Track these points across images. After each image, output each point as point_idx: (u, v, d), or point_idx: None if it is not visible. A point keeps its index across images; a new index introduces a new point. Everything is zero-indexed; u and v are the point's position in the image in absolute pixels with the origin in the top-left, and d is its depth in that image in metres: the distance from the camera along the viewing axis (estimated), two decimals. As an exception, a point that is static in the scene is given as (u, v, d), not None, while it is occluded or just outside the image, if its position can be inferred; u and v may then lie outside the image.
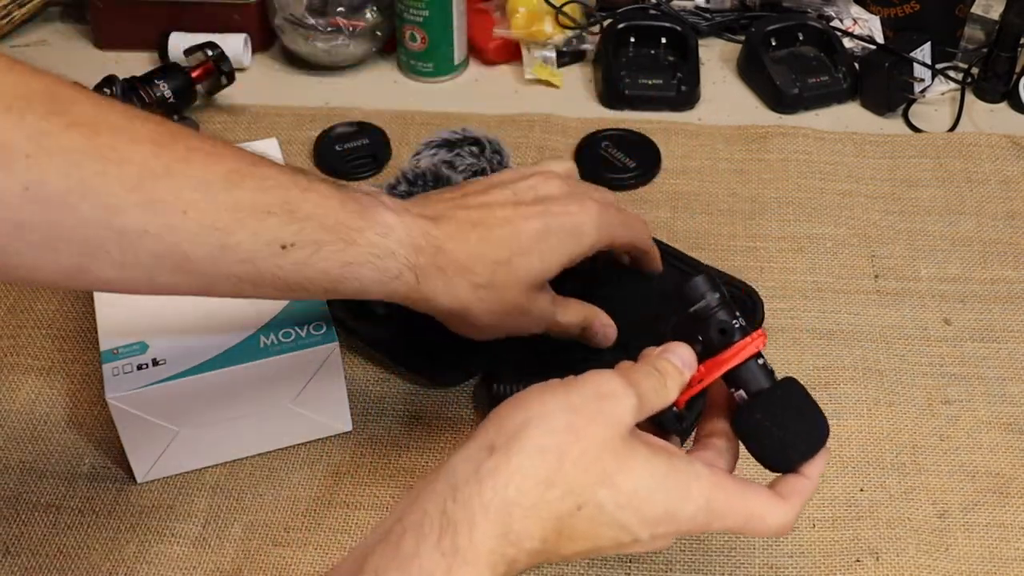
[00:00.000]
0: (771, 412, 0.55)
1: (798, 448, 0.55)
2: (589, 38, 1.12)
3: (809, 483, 0.55)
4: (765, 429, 0.55)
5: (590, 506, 0.48)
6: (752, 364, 0.56)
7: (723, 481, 0.52)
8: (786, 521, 0.54)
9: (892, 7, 1.09)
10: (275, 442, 0.74)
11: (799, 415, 0.56)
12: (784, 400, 0.56)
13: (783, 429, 0.55)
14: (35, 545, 0.69)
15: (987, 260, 0.89)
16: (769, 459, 0.56)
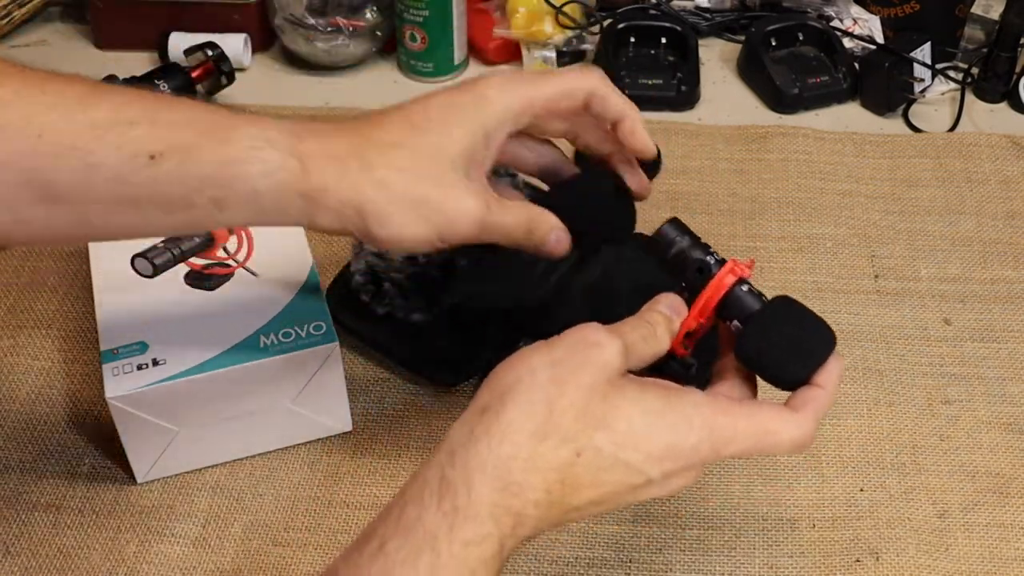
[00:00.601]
0: (766, 332, 0.54)
1: (802, 359, 0.54)
2: (589, 38, 1.12)
3: (823, 392, 0.53)
4: (764, 350, 0.54)
5: (588, 451, 0.48)
6: (737, 292, 0.56)
7: (725, 405, 0.51)
8: (802, 434, 0.52)
9: (892, 7, 1.09)
10: (275, 442, 0.74)
11: (798, 328, 0.55)
12: (778, 317, 0.55)
13: (782, 345, 0.54)
14: (35, 545, 0.69)
15: (987, 260, 0.89)
16: (777, 378, 0.55)
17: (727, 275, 0.56)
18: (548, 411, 0.48)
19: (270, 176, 0.54)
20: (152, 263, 0.73)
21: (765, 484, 0.73)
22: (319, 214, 0.56)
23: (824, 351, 0.54)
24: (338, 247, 0.88)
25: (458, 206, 0.56)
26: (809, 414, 0.52)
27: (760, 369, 0.55)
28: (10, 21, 1.12)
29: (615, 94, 0.61)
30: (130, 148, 0.53)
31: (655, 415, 0.49)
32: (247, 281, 0.74)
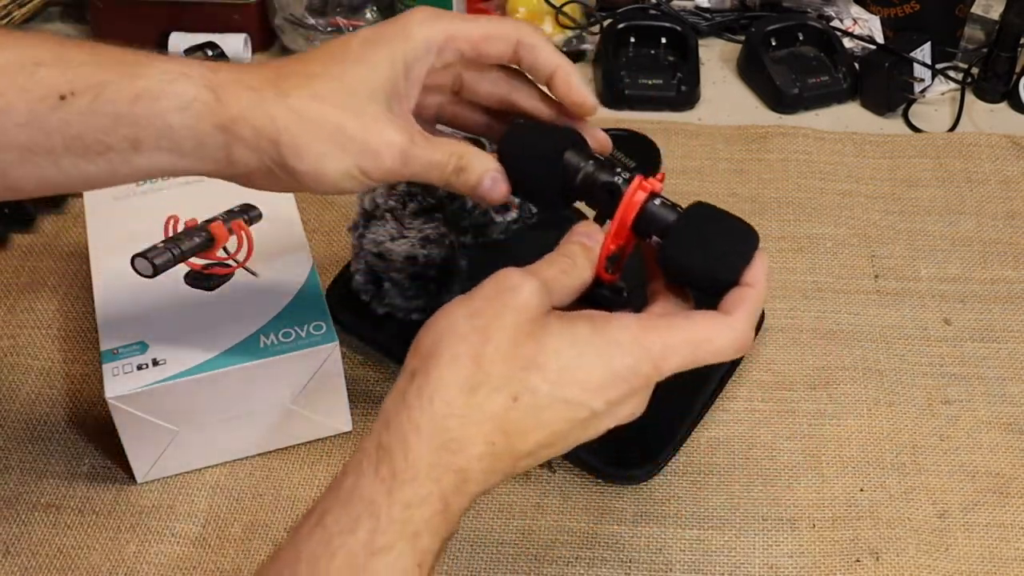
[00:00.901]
0: (685, 241, 0.53)
1: (726, 261, 0.53)
2: (589, 38, 1.12)
3: (751, 290, 0.52)
4: (686, 259, 0.53)
5: (524, 395, 0.48)
6: (650, 207, 0.54)
7: (654, 322, 0.51)
8: (737, 335, 0.51)
9: (892, 7, 1.09)
10: (275, 442, 0.74)
11: (717, 232, 0.53)
12: (695, 224, 0.53)
13: (704, 251, 0.53)
14: (35, 545, 0.69)
15: (987, 260, 0.89)
16: (704, 285, 0.54)
17: (636, 192, 0.54)
18: (475, 362, 0.47)
19: (184, 110, 0.52)
20: (152, 263, 0.73)
21: (765, 484, 0.73)
22: (236, 148, 0.53)
23: (748, 249, 0.53)
24: (338, 247, 0.88)
25: (380, 137, 0.53)
26: (742, 314, 0.51)
27: (686, 279, 0.54)
28: (10, 21, 1.12)
29: (547, 45, 0.58)
30: (39, 90, 0.51)
31: (584, 345, 0.49)
32: (247, 281, 0.74)
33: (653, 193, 0.55)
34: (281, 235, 0.76)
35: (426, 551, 0.46)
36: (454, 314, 0.49)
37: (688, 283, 0.55)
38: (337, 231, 0.90)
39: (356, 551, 0.44)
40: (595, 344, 0.49)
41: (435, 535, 0.46)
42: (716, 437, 0.76)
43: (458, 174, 0.56)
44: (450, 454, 0.46)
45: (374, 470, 0.46)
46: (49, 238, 0.90)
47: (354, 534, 0.45)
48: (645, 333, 0.50)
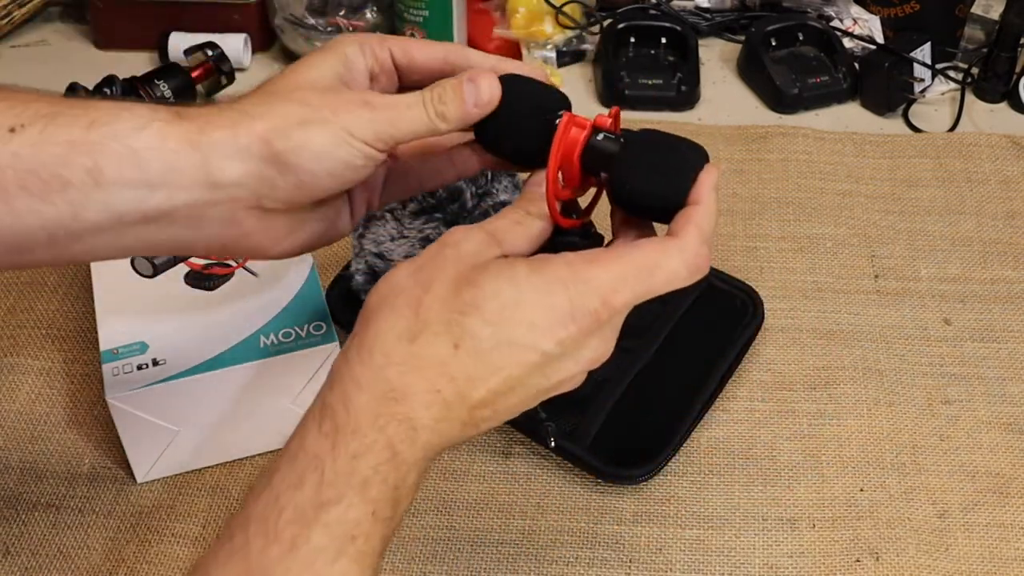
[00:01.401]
0: (627, 170, 0.51)
1: (672, 181, 0.51)
2: (589, 38, 1.12)
3: (700, 207, 0.50)
4: (634, 187, 0.51)
5: (465, 338, 0.47)
6: (592, 143, 0.52)
7: (597, 254, 0.49)
8: (687, 256, 0.49)
9: (892, 7, 1.09)
10: (275, 442, 0.74)
11: (659, 155, 0.52)
12: (636, 152, 0.52)
13: (650, 176, 0.51)
14: (35, 545, 0.69)
15: (987, 260, 0.89)
16: (655, 209, 0.52)
17: (569, 129, 0.52)
18: (413, 311, 0.47)
19: (143, 129, 0.49)
20: (152, 263, 0.73)
21: (765, 484, 0.73)
22: (214, 159, 0.50)
23: (692, 168, 0.51)
24: (338, 247, 0.88)
25: (349, 100, 0.51)
26: (691, 234, 0.49)
27: (638, 210, 0.53)
28: (10, 21, 1.12)
29: (478, 53, 0.56)
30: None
31: (523, 284, 0.47)
32: (247, 281, 0.74)
33: (597, 128, 0.53)
34: (281, 235, 0.76)
35: (378, 499, 0.45)
36: (398, 273, 0.49)
37: (642, 214, 0.53)
38: (337, 231, 0.89)
39: (304, 505, 0.44)
40: (533, 282, 0.47)
41: (384, 483, 0.45)
42: (716, 437, 0.76)
43: (440, 100, 0.52)
44: (393, 403, 0.46)
45: (317, 426, 0.46)
46: (49, 238, 0.90)
47: (300, 489, 0.45)
48: (587, 267, 0.48)
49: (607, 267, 0.48)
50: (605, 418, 0.74)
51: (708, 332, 0.80)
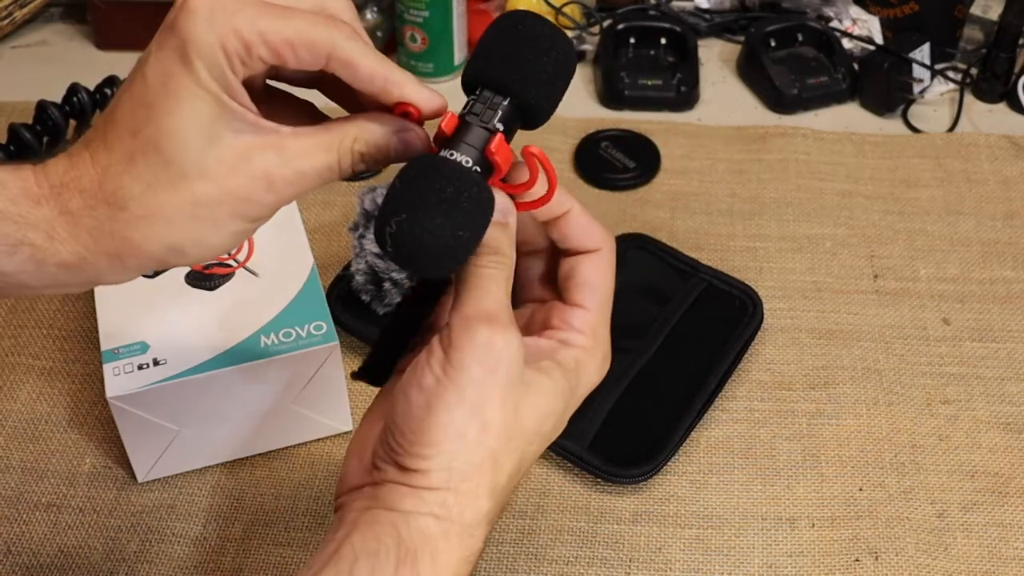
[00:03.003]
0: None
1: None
2: (589, 39, 1.12)
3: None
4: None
5: (522, 464, 0.47)
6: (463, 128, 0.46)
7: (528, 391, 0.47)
8: (604, 355, 0.50)
9: (891, 8, 1.10)
10: (275, 442, 0.74)
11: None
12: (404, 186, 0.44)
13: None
14: (36, 545, 0.70)
15: (986, 260, 0.89)
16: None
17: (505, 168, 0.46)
18: (493, 464, 0.45)
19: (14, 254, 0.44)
20: (153, 263, 0.73)
21: (764, 484, 0.73)
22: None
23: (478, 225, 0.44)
24: (338, 247, 0.88)
25: (241, 180, 0.44)
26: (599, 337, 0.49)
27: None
28: (11, 22, 1.12)
29: (367, 54, 0.45)
30: None
31: (550, 396, 0.47)
32: (248, 281, 0.74)
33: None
34: (282, 235, 0.76)
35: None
36: (456, 414, 0.44)
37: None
38: (337, 231, 0.90)
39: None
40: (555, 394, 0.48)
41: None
42: (716, 437, 0.76)
43: (360, 159, 0.47)
44: (473, 557, 0.46)
45: (393, 569, 0.43)
46: (50, 238, 0.90)
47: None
48: (542, 401, 0.47)
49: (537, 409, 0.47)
50: (605, 418, 0.75)
51: (708, 332, 0.80)
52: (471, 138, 0.45)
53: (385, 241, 0.43)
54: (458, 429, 0.44)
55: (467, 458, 0.45)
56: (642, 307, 0.82)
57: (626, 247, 0.86)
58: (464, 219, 0.43)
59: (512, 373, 0.45)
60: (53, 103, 0.92)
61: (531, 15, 0.47)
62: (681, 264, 0.85)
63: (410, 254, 0.43)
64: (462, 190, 0.43)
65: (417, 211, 0.42)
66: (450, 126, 0.45)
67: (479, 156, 0.45)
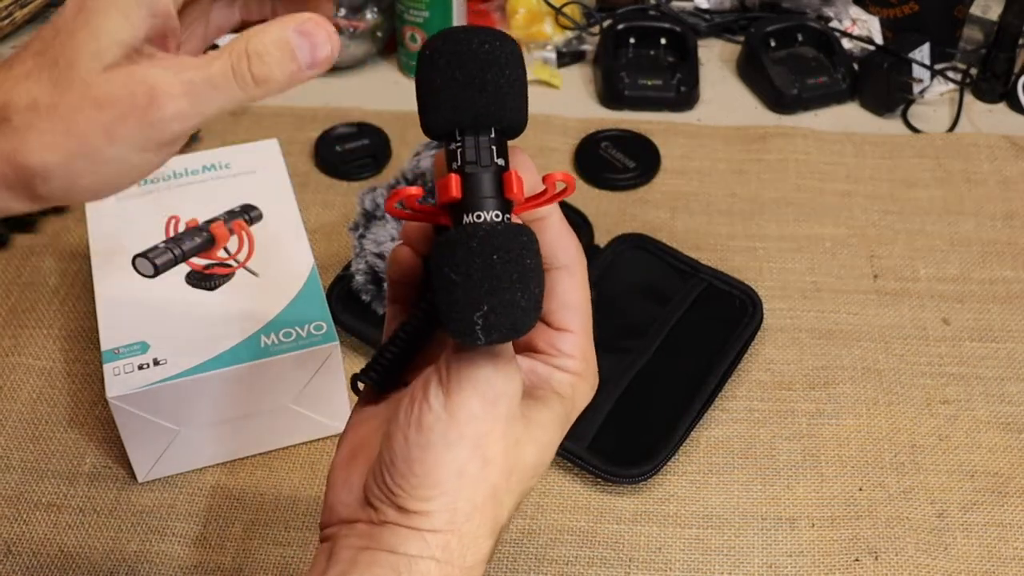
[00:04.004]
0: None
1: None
2: (589, 39, 1.12)
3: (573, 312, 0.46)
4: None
5: (519, 499, 0.46)
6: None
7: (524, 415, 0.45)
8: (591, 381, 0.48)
9: (891, 8, 1.10)
10: (275, 442, 0.74)
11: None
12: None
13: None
14: (36, 544, 0.70)
15: (986, 260, 0.89)
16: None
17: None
18: (495, 502, 0.44)
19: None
20: (153, 263, 0.74)
21: (764, 483, 0.73)
22: None
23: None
24: (339, 247, 0.88)
25: (136, 95, 0.41)
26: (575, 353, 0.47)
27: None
28: (11, 22, 1.12)
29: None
30: None
31: (550, 432, 0.46)
32: (248, 281, 0.74)
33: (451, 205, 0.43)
34: (282, 235, 0.76)
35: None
36: (458, 453, 0.43)
37: None
38: (337, 231, 0.90)
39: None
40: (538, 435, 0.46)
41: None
42: (715, 436, 0.76)
43: (259, 61, 0.42)
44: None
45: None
46: (50, 238, 0.90)
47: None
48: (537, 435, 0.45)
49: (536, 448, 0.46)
50: (605, 418, 0.75)
51: (707, 332, 0.80)
52: (485, 189, 0.42)
53: (475, 335, 0.40)
54: (459, 467, 0.43)
55: (469, 497, 0.43)
56: (642, 307, 0.82)
57: (626, 247, 0.86)
58: (533, 275, 0.41)
59: (512, 407, 0.44)
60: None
61: (455, 34, 0.43)
62: (681, 264, 0.85)
63: (506, 334, 0.41)
64: (518, 251, 0.41)
65: (495, 295, 0.40)
66: (457, 188, 0.42)
67: (501, 203, 0.42)
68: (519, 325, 0.41)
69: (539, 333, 0.47)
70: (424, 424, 0.43)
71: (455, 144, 0.43)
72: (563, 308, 0.47)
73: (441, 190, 0.42)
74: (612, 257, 0.85)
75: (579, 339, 0.47)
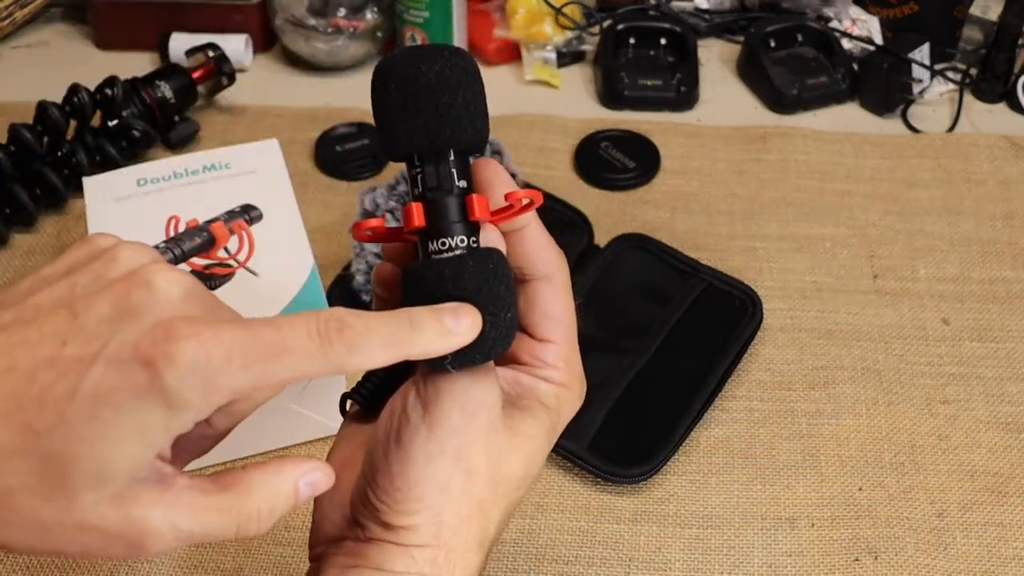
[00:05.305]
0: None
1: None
2: (589, 39, 1.12)
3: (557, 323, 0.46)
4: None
5: (510, 510, 0.46)
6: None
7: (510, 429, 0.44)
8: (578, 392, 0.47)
9: (891, 8, 1.10)
10: (275, 442, 0.74)
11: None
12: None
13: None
14: (37, 544, 0.70)
15: (985, 260, 0.89)
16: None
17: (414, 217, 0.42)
18: (481, 515, 0.44)
19: None
20: (153, 263, 0.73)
21: (764, 483, 0.73)
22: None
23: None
24: (339, 247, 0.88)
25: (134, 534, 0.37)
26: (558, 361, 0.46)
27: None
28: (12, 22, 1.12)
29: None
30: None
31: (536, 445, 0.46)
32: (248, 281, 0.74)
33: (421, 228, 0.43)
34: (282, 235, 0.76)
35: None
36: (439, 468, 0.42)
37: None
38: (338, 231, 0.90)
39: None
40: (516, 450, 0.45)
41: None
42: (715, 436, 0.76)
43: (265, 519, 0.41)
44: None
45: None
46: (50, 238, 0.90)
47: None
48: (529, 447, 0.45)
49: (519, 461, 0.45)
50: (605, 418, 0.75)
51: (707, 332, 0.80)
52: (448, 215, 0.42)
53: (445, 367, 0.41)
54: (442, 480, 0.42)
55: (455, 511, 0.43)
56: (642, 307, 0.82)
57: (626, 247, 0.86)
58: (502, 302, 0.41)
59: (493, 418, 0.43)
60: (54, 103, 0.92)
61: (403, 60, 0.42)
62: (681, 264, 0.85)
63: (477, 361, 0.41)
64: (487, 280, 0.41)
65: None
66: (420, 216, 0.41)
67: (467, 227, 0.42)
68: (490, 352, 0.41)
69: (522, 345, 0.46)
70: (403, 438, 0.42)
71: (415, 170, 0.42)
72: (545, 319, 0.46)
73: (405, 217, 0.42)
74: (612, 257, 0.85)
75: (562, 349, 0.46)
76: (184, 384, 0.35)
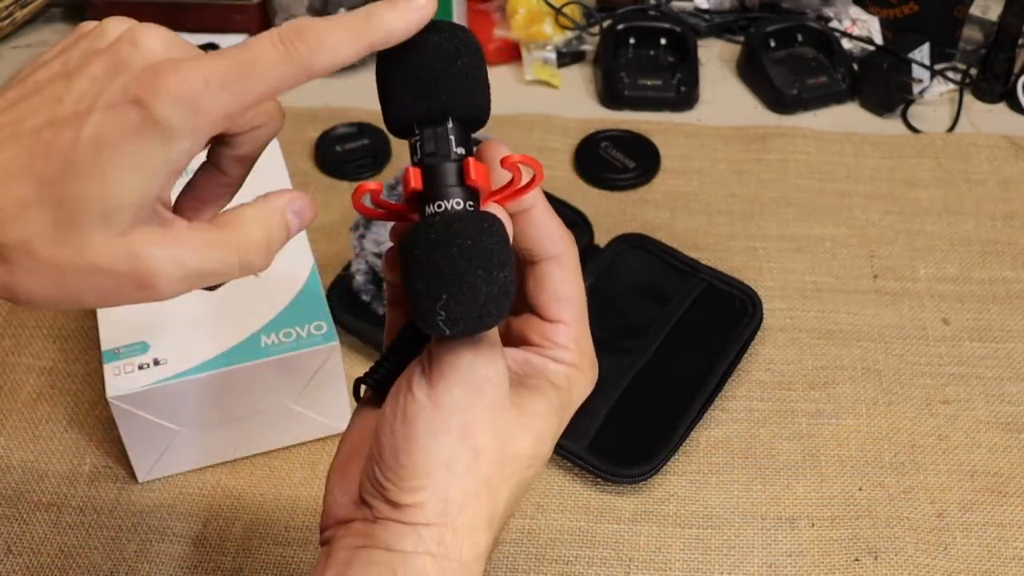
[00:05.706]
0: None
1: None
2: (589, 39, 1.12)
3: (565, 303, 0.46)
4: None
5: (520, 487, 0.45)
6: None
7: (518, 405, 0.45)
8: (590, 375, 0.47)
9: (891, 8, 1.10)
10: (275, 442, 0.74)
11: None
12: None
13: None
14: (37, 544, 0.70)
15: (985, 260, 0.89)
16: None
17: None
18: (489, 493, 0.43)
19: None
20: (153, 263, 0.73)
21: (764, 483, 0.73)
22: None
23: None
24: (339, 247, 0.88)
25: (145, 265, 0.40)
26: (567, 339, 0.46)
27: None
28: (12, 22, 1.12)
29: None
30: None
31: (543, 417, 0.46)
32: (248, 281, 0.73)
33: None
34: (282, 235, 0.76)
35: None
36: (444, 445, 0.43)
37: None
38: (338, 231, 0.90)
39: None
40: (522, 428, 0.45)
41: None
42: (715, 436, 0.76)
43: (265, 254, 0.45)
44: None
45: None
46: (50, 238, 0.90)
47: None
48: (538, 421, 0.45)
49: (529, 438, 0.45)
50: (605, 417, 0.75)
51: (707, 332, 0.80)
52: (445, 178, 0.42)
53: (439, 327, 0.40)
54: (447, 457, 0.42)
55: (461, 488, 0.43)
56: (642, 307, 0.82)
57: (626, 247, 0.86)
58: (496, 258, 0.40)
59: (499, 395, 0.43)
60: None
61: None
62: (681, 264, 0.85)
63: (472, 324, 0.40)
64: (479, 235, 0.40)
65: (455, 284, 0.40)
66: (417, 180, 0.42)
67: (464, 191, 0.42)
68: (484, 313, 0.40)
69: (532, 326, 0.47)
70: (408, 415, 0.43)
71: (415, 138, 0.43)
72: (555, 300, 0.46)
73: (404, 184, 0.43)
74: (612, 257, 0.85)
75: (573, 330, 0.47)
76: (173, 113, 0.38)
